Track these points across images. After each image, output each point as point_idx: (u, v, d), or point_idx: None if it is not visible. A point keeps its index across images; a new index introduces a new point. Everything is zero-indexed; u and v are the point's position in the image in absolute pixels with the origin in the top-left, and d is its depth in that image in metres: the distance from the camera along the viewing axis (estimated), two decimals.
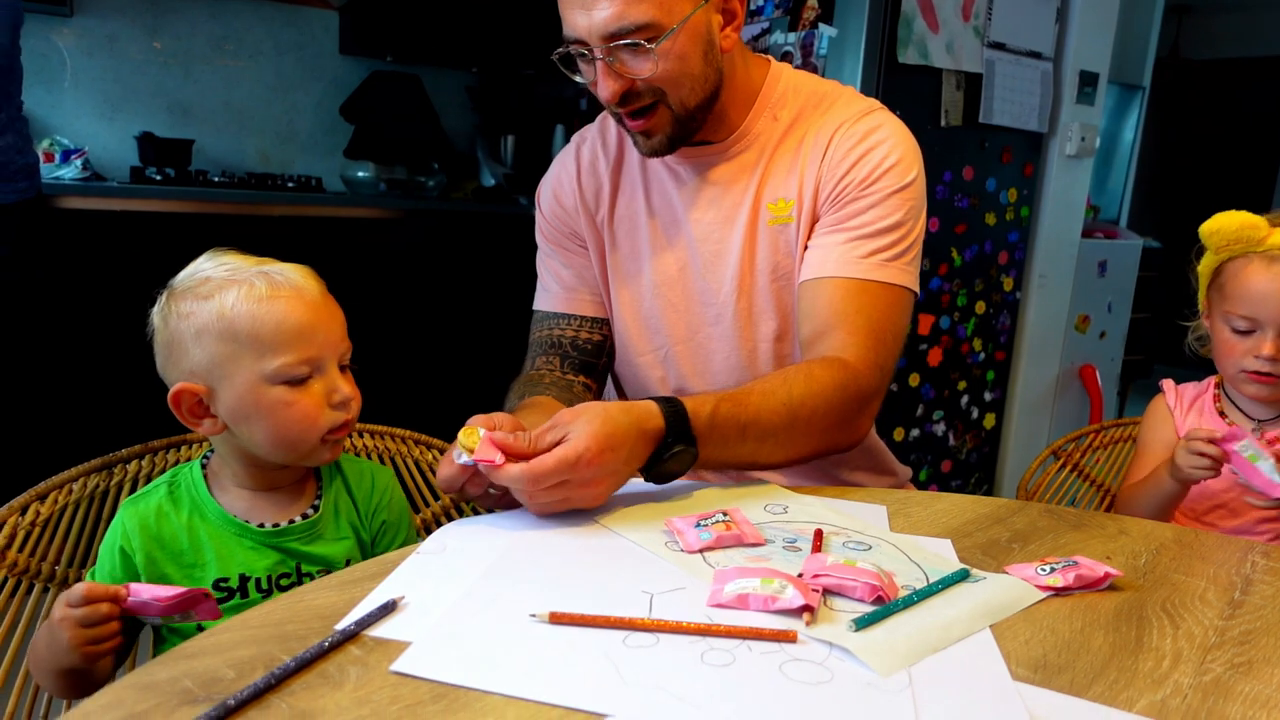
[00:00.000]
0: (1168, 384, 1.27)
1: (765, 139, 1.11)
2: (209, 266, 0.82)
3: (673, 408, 0.86)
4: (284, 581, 0.83)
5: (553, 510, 0.80)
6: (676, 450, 0.85)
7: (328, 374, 0.83)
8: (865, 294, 1.03)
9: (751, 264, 1.11)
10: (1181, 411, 1.24)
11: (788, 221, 1.09)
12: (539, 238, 1.24)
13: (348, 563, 0.85)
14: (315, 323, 0.82)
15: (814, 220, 1.08)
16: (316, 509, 0.87)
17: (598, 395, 1.22)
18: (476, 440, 0.78)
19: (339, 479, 0.91)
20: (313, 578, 0.83)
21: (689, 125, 1.04)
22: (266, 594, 0.82)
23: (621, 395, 1.27)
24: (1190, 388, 1.26)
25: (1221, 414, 1.22)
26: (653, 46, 0.96)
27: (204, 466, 0.87)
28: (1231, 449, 1.03)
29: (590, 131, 1.22)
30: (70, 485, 0.96)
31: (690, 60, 1.00)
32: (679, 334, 1.17)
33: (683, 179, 1.14)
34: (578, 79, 1.04)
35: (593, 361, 1.20)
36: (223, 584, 0.81)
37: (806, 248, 1.08)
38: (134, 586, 0.71)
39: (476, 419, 0.81)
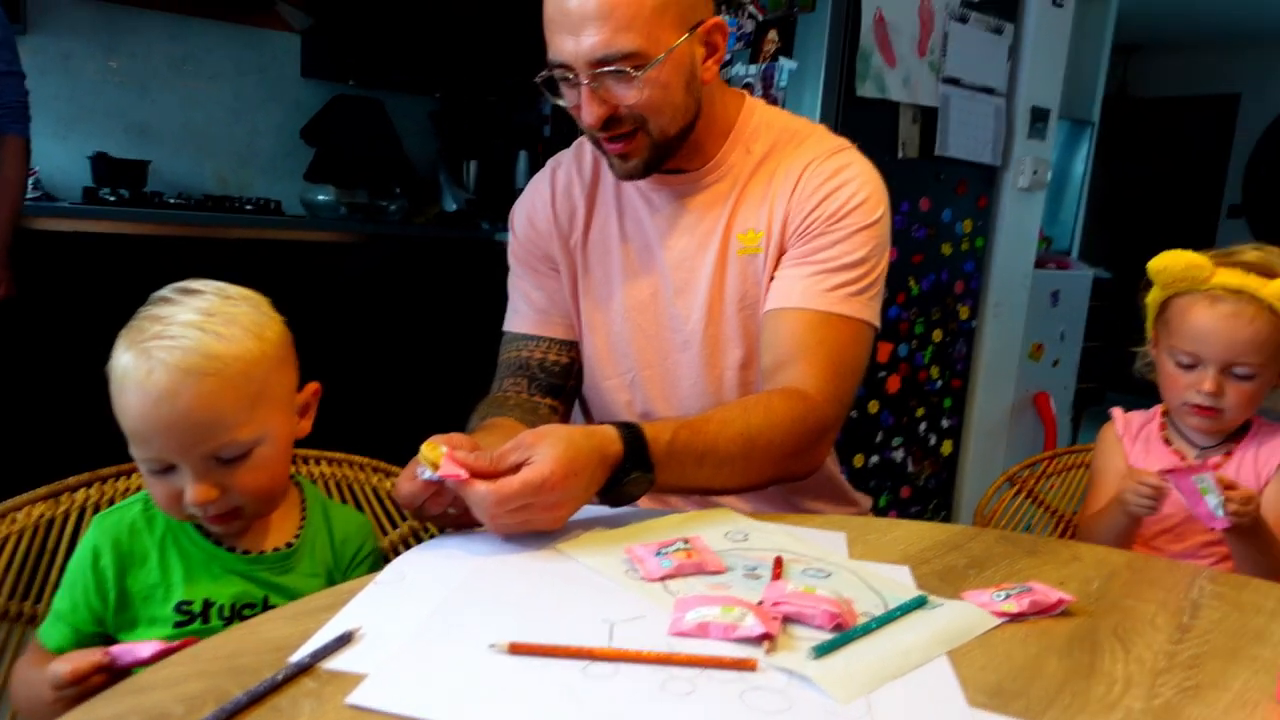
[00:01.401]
0: (1117, 413, 1.30)
1: (738, 170, 1.13)
2: (167, 297, 0.78)
3: (632, 434, 0.87)
4: (246, 612, 0.81)
5: (513, 531, 0.80)
6: (634, 476, 0.86)
7: (183, 472, 0.76)
8: (827, 327, 1.05)
9: (721, 292, 1.12)
10: (1130, 440, 1.27)
11: (756, 252, 1.11)
12: (511, 259, 1.24)
13: None
14: (157, 425, 0.74)
15: (781, 252, 1.10)
16: (297, 540, 0.85)
17: (565, 418, 1.22)
18: (440, 456, 0.78)
19: (323, 518, 0.88)
20: None
21: (665, 151, 1.06)
22: (228, 621, 0.80)
23: (588, 418, 1.26)
24: (1138, 416, 1.29)
25: (1167, 442, 1.25)
26: (638, 74, 0.97)
27: None
28: (1188, 478, 1.05)
29: (565, 156, 1.22)
30: (14, 514, 0.93)
31: (673, 90, 1.01)
32: (648, 359, 1.17)
33: (656, 206, 1.15)
34: (560, 102, 1.05)
35: (560, 384, 1.20)
36: (185, 606, 0.79)
37: (773, 278, 1.10)
38: (114, 650, 0.69)
39: (435, 439, 0.81)
